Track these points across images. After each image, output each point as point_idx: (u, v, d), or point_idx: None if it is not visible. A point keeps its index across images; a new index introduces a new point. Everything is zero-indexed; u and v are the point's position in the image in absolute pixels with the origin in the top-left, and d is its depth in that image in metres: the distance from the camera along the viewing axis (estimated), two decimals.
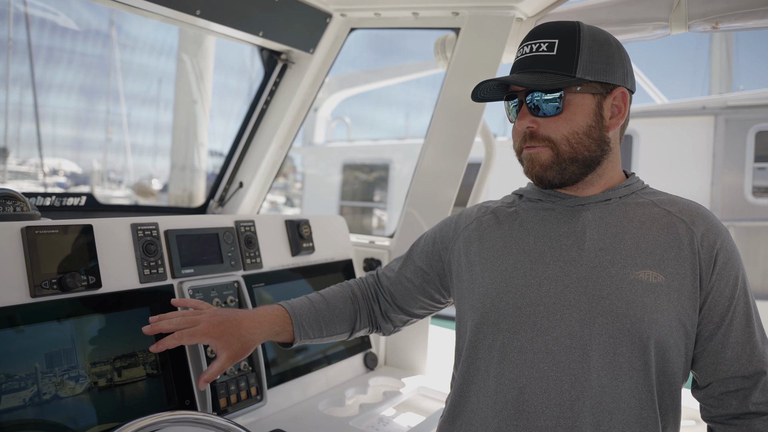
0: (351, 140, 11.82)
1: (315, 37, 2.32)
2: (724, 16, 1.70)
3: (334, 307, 1.40)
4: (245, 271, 1.80)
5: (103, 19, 18.61)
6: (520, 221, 1.22)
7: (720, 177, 5.80)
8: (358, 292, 1.47)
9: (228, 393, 1.59)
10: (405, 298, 1.42)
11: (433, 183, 2.22)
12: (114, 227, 1.49)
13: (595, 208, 1.15)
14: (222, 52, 30.01)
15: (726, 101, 5.82)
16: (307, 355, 1.94)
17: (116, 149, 19.46)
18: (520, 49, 1.16)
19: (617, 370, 1.03)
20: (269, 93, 2.45)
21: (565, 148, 1.10)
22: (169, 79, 21.49)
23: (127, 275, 1.48)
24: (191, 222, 1.69)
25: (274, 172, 2.62)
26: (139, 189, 19.14)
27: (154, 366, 1.47)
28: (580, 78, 1.08)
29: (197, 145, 7.54)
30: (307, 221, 2.07)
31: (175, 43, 8.41)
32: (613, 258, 1.08)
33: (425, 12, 2.17)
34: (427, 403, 2.07)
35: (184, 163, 7.54)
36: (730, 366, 1.07)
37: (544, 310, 1.09)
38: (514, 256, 1.17)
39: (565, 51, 1.09)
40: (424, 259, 1.38)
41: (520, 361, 1.09)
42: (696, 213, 1.12)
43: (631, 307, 1.03)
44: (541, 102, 1.10)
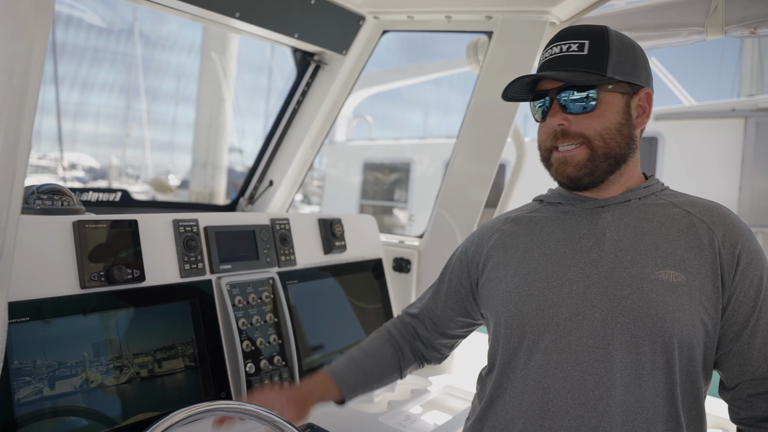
0: (372, 139, 11.84)
1: (348, 38, 2.35)
2: (764, 21, 1.69)
3: (373, 355, 1.41)
4: (280, 267, 1.84)
5: (125, 16, 18.86)
6: (540, 226, 1.24)
7: (749, 181, 5.72)
8: (396, 332, 1.46)
9: (262, 384, 1.63)
10: (444, 321, 1.42)
11: (464, 184, 2.23)
12: (156, 223, 1.53)
13: (614, 210, 1.16)
14: (243, 49, 30.19)
15: (757, 103, 5.74)
16: (337, 351, 1.97)
17: (135, 145, 19.71)
18: (547, 51, 1.17)
19: (640, 370, 1.04)
20: (301, 93, 2.49)
21: (599, 143, 1.12)
22: (188, 75, 21.66)
23: (168, 269, 1.53)
24: (229, 219, 1.73)
25: (304, 172, 2.66)
26: (157, 184, 19.36)
27: (192, 358, 1.51)
28: (610, 77, 1.11)
29: (220, 141, 7.62)
30: (339, 220, 2.11)
31: (198, 40, 8.50)
32: (633, 258, 1.09)
33: (458, 15, 2.19)
34: (453, 402, 2.09)
35: (206, 159, 7.62)
36: (758, 367, 1.07)
37: (566, 311, 1.10)
38: (536, 260, 1.19)
39: (596, 51, 1.11)
40: (455, 279, 1.39)
41: (545, 362, 1.11)
42: (717, 214, 1.12)
43: (653, 307, 1.04)
44: (572, 99, 1.12)
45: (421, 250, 2.35)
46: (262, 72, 20.77)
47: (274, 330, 1.72)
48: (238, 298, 1.64)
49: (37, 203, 1.45)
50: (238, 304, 1.64)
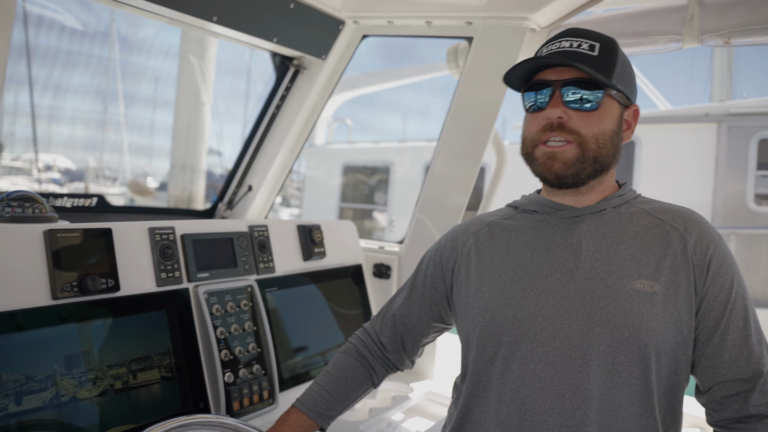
0: (352, 142, 11.83)
1: (327, 43, 2.33)
2: (737, 31, 1.72)
3: (344, 378, 1.38)
4: (258, 275, 1.81)
5: (103, 18, 18.63)
6: (516, 234, 1.23)
7: (722, 184, 5.82)
8: (363, 348, 1.42)
9: (241, 396, 1.61)
10: (419, 327, 1.39)
11: (444, 190, 2.23)
12: (132, 231, 1.50)
13: (590, 219, 1.16)
14: (222, 52, 29.97)
15: (729, 108, 5.85)
16: (317, 360, 1.95)
17: (113, 148, 19.46)
18: (553, 44, 1.15)
19: (616, 379, 1.05)
20: (281, 98, 2.46)
21: (592, 145, 1.11)
22: (166, 79, 21.46)
23: (144, 278, 1.50)
24: (206, 226, 1.70)
25: (284, 176, 2.63)
26: (135, 187, 19.12)
27: (169, 369, 1.48)
28: (614, 84, 1.11)
29: (198, 145, 7.55)
30: (318, 226, 2.09)
31: (176, 43, 8.42)
32: (609, 269, 1.10)
33: (438, 21, 2.19)
34: (434, 408, 2.08)
35: (185, 162, 7.54)
36: (729, 369, 1.08)
37: (543, 321, 1.10)
38: (512, 269, 1.18)
39: (606, 55, 1.12)
40: (429, 284, 1.36)
41: (522, 372, 1.10)
42: (689, 220, 1.14)
43: (629, 317, 1.05)
44: (578, 96, 1.10)
45: (401, 255, 2.34)
46: (241, 75, 20.68)
47: (253, 338, 1.69)
48: (215, 307, 1.62)
49: (6, 211, 1.41)
50: (215, 312, 1.61)
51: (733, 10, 1.72)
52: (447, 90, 12.85)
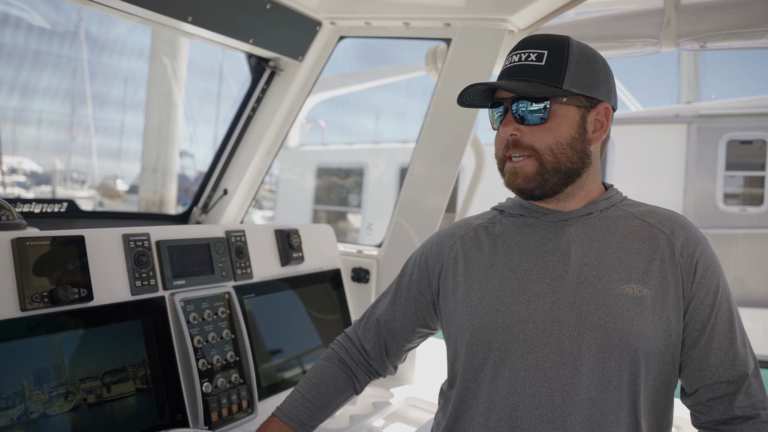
0: (325, 144, 11.78)
1: (304, 44, 2.30)
2: (713, 35, 1.74)
3: (325, 386, 1.35)
4: (236, 281, 1.77)
5: (71, 17, 18.22)
6: (503, 238, 1.22)
7: (692, 185, 5.94)
8: (344, 354, 1.40)
9: (220, 407, 1.56)
10: (404, 332, 1.37)
11: (423, 192, 2.22)
12: (105, 238, 1.45)
13: (577, 223, 1.16)
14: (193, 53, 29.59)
15: (698, 110, 5.97)
16: (296, 367, 1.92)
17: (81, 151, 19.05)
18: (508, 58, 1.16)
19: (606, 384, 1.05)
20: (256, 100, 2.42)
21: (548, 157, 1.11)
22: (135, 80, 21.10)
23: (118, 287, 1.45)
24: (182, 232, 1.66)
25: (260, 180, 2.59)
26: (104, 190, 18.76)
27: (144, 380, 1.43)
28: (566, 90, 1.09)
29: (170, 147, 7.42)
30: (296, 231, 2.05)
31: (147, 43, 8.27)
32: (598, 273, 1.10)
33: (416, 22, 2.17)
34: (416, 413, 2.06)
35: (156, 165, 7.41)
36: (715, 372, 1.08)
37: (533, 327, 1.09)
38: (501, 275, 1.17)
39: (554, 62, 1.10)
40: (414, 288, 1.34)
41: (512, 378, 1.09)
42: (675, 223, 1.14)
43: (618, 322, 1.05)
44: (527, 111, 1.10)
45: (379, 259, 2.32)
46: (213, 76, 20.37)
47: (231, 347, 1.65)
48: (192, 315, 1.57)
49: None
50: (192, 320, 1.57)
51: (709, 15, 1.75)
52: (423, 91, 12.86)
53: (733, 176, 5.90)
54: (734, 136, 5.86)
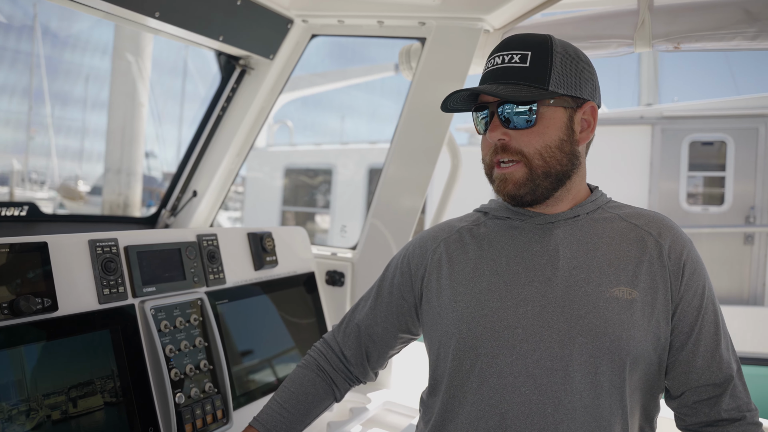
0: (293, 144, 11.67)
1: (275, 42, 2.25)
2: (686, 36, 1.75)
3: (304, 395, 1.31)
4: (208, 287, 1.71)
5: (27, 10, 17.63)
6: (488, 241, 1.19)
7: (657, 185, 6.06)
8: (323, 362, 1.36)
9: (194, 418, 1.50)
10: (385, 338, 1.33)
11: (398, 193, 2.19)
12: (70, 244, 1.38)
13: (564, 226, 1.14)
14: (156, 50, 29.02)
15: (662, 112, 6.09)
16: (272, 375, 1.87)
17: (40, 151, 18.48)
18: (490, 60, 1.13)
19: (599, 390, 1.02)
20: (226, 99, 2.36)
21: (537, 162, 1.08)
22: (97, 77, 20.53)
23: (85, 296, 1.38)
24: (151, 237, 1.59)
25: (230, 181, 2.53)
26: (65, 191, 18.26)
27: (113, 393, 1.37)
28: (552, 91, 1.07)
29: (134, 147, 7.23)
30: (270, 234, 2.00)
31: (109, 39, 8.04)
32: (587, 276, 1.08)
33: (391, 21, 2.14)
34: (394, 418, 2.03)
35: (120, 166, 7.21)
36: (701, 375, 1.08)
37: (522, 332, 1.06)
38: (487, 278, 1.13)
39: (538, 63, 1.07)
40: (396, 293, 1.30)
41: (501, 386, 1.06)
42: (662, 225, 1.13)
43: (609, 325, 1.03)
44: (513, 114, 1.07)
45: (354, 262, 2.28)
46: (177, 74, 19.95)
47: (204, 355, 1.59)
48: (164, 323, 1.51)
49: None
50: (164, 329, 1.50)
51: (683, 16, 1.76)
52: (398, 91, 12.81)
53: (695, 177, 6.05)
54: (696, 138, 6.01)
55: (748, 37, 1.72)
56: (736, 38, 1.73)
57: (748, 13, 1.71)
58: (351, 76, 9.57)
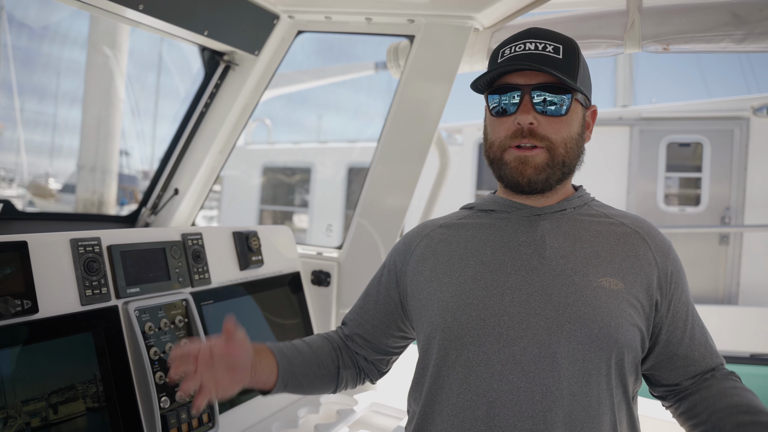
0: (271, 142, 11.56)
1: (261, 38, 2.20)
2: (676, 38, 1.76)
3: (316, 349, 1.28)
4: (193, 287, 1.67)
5: None
6: (473, 232, 1.19)
7: (635, 185, 6.13)
8: (337, 338, 1.35)
9: (179, 422, 1.46)
10: (377, 336, 1.32)
11: (385, 192, 2.16)
12: (51, 243, 1.33)
13: (551, 218, 1.15)
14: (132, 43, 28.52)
15: (640, 113, 6.16)
16: None
17: (8, 146, 18.01)
18: (518, 44, 1.11)
19: (587, 377, 1.03)
20: (210, 95, 2.31)
21: (561, 150, 1.10)
22: (70, 71, 20.04)
23: (66, 297, 1.33)
24: (135, 236, 1.55)
25: (213, 179, 2.47)
26: (36, 189, 17.86)
27: (96, 398, 1.32)
28: (580, 87, 1.09)
29: (110, 144, 7.07)
30: (255, 233, 1.96)
31: (83, 32, 7.86)
32: (574, 266, 1.09)
33: (379, 18, 2.11)
34: (381, 419, 2.01)
35: (95, 163, 7.04)
36: (699, 364, 1.14)
37: (509, 320, 1.06)
38: (473, 268, 1.13)
39: (570, 58, 1.09)
40: (383, 291, 1.30)
41: (488, 374, 1.05)
42: (647, 225, 1.18)
43: (598, 313, 1.04)
44: (548, 101, 1.08)
45: (340, 262, 2.25)
46: (152, 68, 19.48)
47: None
48: (148, 325, 1.46)
49: None
50: (148, 331, 1.46)
51: (672, 18, 1.76)
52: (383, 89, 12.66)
53: (672, 177, 6.14)
54: (673, 139, 6.09)
55: (736, 40, 1.74)
56: (723, 41, 1.75)
57: (735, 16, 1.72)
58: (330, 74, 9.53)
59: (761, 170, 5.74)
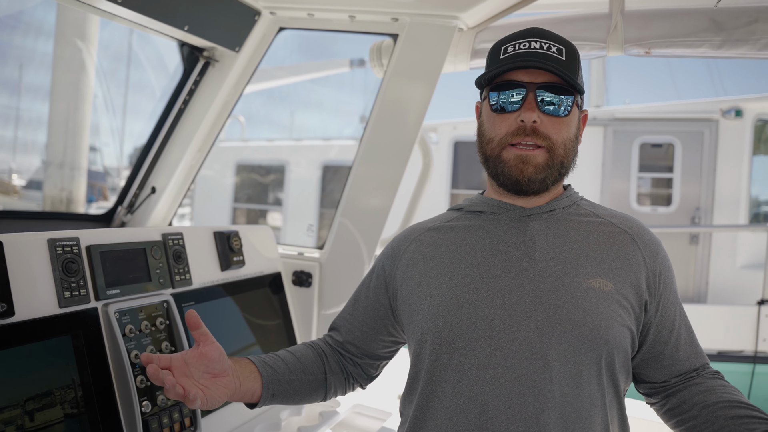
0: (245, 140, 11.43)
1: (242, 34, 2.17)
2: (657, 42, 1.78)
3: (300, 357, 1.26)
4: (174, 288, 1.63)
5: None
6: (462, 235, 1.19)
7: (608, 185, 6.22)
8: (324, 345, 1.33)
9: (161, 427, 1.42)
10: (366, 342, 1.31)
11: (368, 192, 2.15)
12: (27, 243, 1.28)
13: (540, 219, 1.15)
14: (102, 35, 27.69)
15: (614, 113, 6.26)
16: None
17: None
18: (522, 43, 1.10)
19: (578, 378, 1.03)
20: (188, 92, 2.26)
21: (560, 151, 1.10)
22: (32, 63, 19.46)
23: (44, 299, 1.28)
24: (114, 236, 1.50)
25: (191, 178, 2.43)
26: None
27: (74, 404, 1.28)
28: (581, 88, 1.10)
29: (79, 140, 6.88)
30: (237, 233, 1.93)
31: (51, 22, 7.63)
32: (564, 267, 1.09)
33: (363, 16, 2.09)
34: (364, 421, 1.99)
35: (63, 160, 6.85)
36: (684, 363, 1.16)
37: (500, 323, 1.05)
38: (463, 271, 1.13)
39: (572, 60, 1.10)
40: (372, 296, 1.29)
41: (480, 378, 1.05)
42: (637, 225, 1.18)
43: (588, 315, 1.04)
44: (552, 101, 1.08)
45: (322, 262, 2.23)
46: (121, 61, 19.00)
47: None
48: (128, 327, 1.42)
49: None
50: (129, 333, 1.42)
51: (654, 22, 1.79)
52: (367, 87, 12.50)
53: (644, 177, 6.25)
54: (646, 140, 6.20)
55: (714, 46, 1.77)
56: (703, 46, 1.78)
57: (714, 23, 1.75)
58: (304, 71, 9.45)
59: (729, 171, 5.88)
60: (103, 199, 14.36)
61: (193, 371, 1.04)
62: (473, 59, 2.07)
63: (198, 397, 0.99)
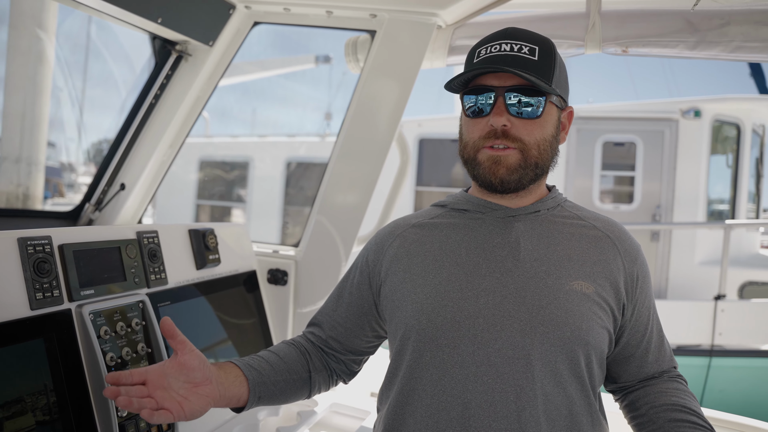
0: (209, 136, 11.23)
1: (216, 28, 2.11)
2: (634, 41, 1.81)
3: (284, 357, 1.24)
4: (150, 288, 1.58)
5: None
6: (447, 233, 1.19)
7: (572, 183, 6.33)
8: (305, 342, 1.32)
9: (138, 430, 1.38)
10: (349, 337, 1.30)
11: (344, 189, 2.13)
12: None
13: (525, 220, 1.16)
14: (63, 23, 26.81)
15: (578, 112, 6.35)
16: None
17: None
18: (492, 46, 1.10)
19: (559, 378, 1.05)
20: (160, 87, 2.19)
21: (534, 152, 1.10)
22: None
23: (14, 301, 1.22)
24: (88, 234, 1.45)
25: (162, 174, 2.36)
26: None
27: (47, 411, 1.23)
28: (554, 89, 1.09)
29: (37, 134, 6.63)
30: (212, 230, 1.88)
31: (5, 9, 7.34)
32: (548, 269, 1.10)
33: (340, 11, 2.07)
34: (342, 420, 1.98)
35: (19, 154, 6.58)
36: (652, 367, 1.21)
37: (483, 322, 1.07)
38: (447, 269, 1.13)
39: (545, 60, 1.09)
40: (356, 292, 1.28)
41: (463, 376, 1.06)
42: (618, 229, 1.20)
43: (570, 316, 1.06)
44: (522, 103, 1.08)
45: (298, 260, 2.20)
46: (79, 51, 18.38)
47: (147, 362, 1.46)
48: (104, 329, 1.37)
49: None
50: (104, 335, 1.37)
51: (631, 22, 1.81)
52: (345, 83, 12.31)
53: (606, 176, 6.38)
54: (609, 138, 6.33)
55: (689, 46, 1.80)
56: (678, 46, 1.81)
57: (689, 23, 1.79)
58: (270, 66, 9.32)
59: (689, 170, 6.05)
60: (59, 195, 13.90)
61: (173, 382, 1.01)
62: (450, 56, 2.06)
63: (170, 416, 0.98)
